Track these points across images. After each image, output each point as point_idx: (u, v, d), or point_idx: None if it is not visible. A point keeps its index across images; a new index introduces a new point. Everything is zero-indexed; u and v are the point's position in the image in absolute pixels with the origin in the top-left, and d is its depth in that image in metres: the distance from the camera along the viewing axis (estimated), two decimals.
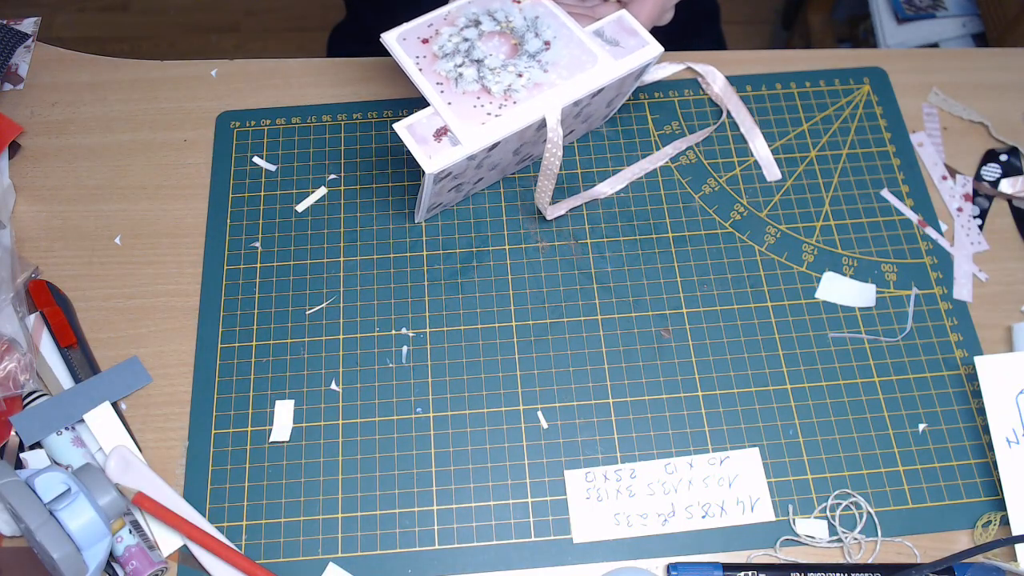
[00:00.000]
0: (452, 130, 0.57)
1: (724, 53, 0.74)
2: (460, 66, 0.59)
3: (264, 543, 0.57)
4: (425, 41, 0.60)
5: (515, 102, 0.57)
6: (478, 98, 0.57)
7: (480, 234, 0.66)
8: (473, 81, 0.58)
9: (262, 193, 0.68)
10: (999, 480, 0.56)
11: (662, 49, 0.60)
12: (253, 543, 0.57)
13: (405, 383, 0.61)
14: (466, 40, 0.60)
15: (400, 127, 0.57)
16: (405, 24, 0.61)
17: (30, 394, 0.60)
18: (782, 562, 0.55)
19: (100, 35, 1.80)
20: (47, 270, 0.66)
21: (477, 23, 0.60)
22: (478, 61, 0.59)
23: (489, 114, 0.57)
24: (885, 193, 0.68)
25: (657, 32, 0.78)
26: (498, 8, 0.61)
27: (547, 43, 0.59)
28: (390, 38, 0.60)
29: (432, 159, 0.56)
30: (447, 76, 0.58)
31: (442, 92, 0.58)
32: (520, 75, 0.58)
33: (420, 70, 0.59)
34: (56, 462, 0.58)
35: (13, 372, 0.59)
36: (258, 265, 0.65)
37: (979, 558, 0.55)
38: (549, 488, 0.58)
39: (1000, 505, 0.56)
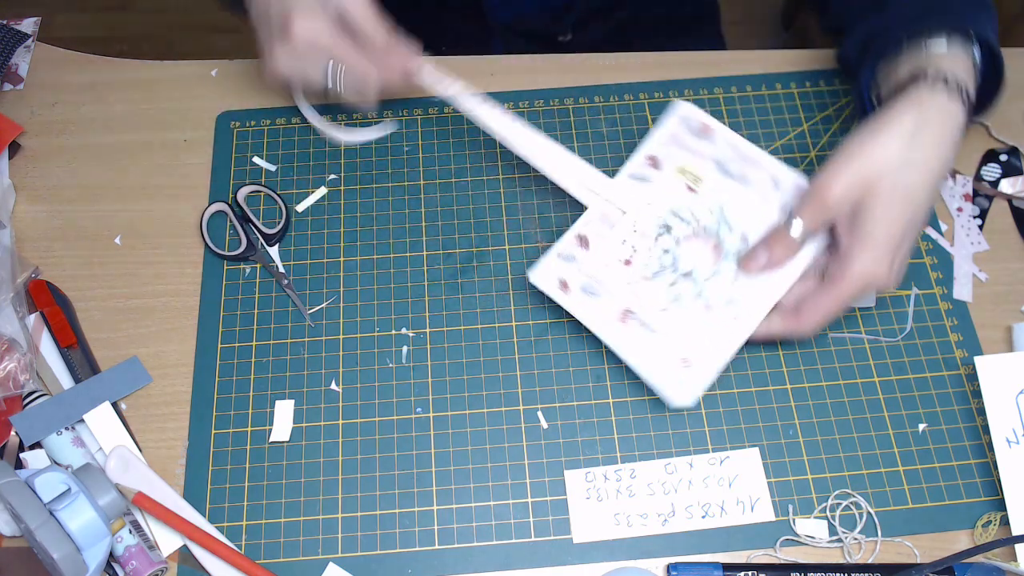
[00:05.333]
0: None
1: (724, 53, 0.74)
2: (673, 284, 0.59)
3: (264, 543, 0.57)
4: (628, 263, 0.60)
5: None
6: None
7: (480, 234, 0.66)
8: (689, 295, 0.58)
9: (262, 193, 0.68)
10: (999, 480, 0.56)
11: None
12: (253, 543, 0.57)
13: (405, 383, 0.61)
14: (665, 252, 0.59)
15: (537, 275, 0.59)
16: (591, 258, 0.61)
17: (30, 394, 0.60)
18: (782, 562, 0.55)
19: (100, 35, 1.80)
20: (47, 270, 0.66)
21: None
22: (687, 275, 0.59)
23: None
24: None
25: (658, 30, 0.78)
26: (677, 202, 0.61)
27: (744, 237, 0.60)
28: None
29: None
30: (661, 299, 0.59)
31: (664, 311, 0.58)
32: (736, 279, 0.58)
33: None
34: (56, 462, 0.58)
35: (13, 372, 0.59)
36: (258, 265, 0.65)
37: (979, 558, 0.55)
38: (549, 488, 0.58)
39: (1000, 505, 0.56)
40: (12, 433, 0.58)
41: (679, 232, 0.60)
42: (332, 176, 0.69)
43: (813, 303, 0.56)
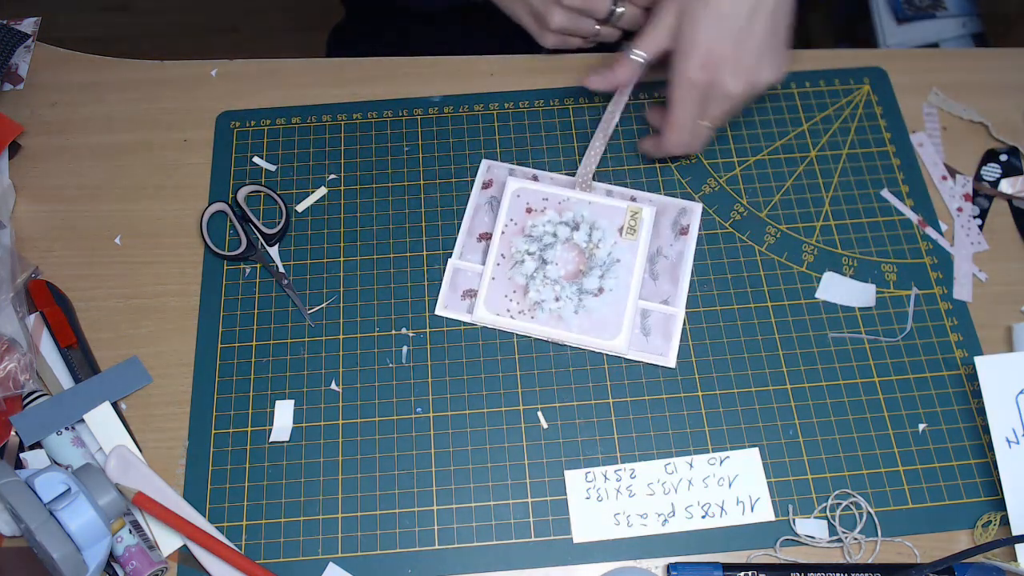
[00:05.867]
0: (476, 303, 0.62)
1: None
2: (531, 254, 0.63)
3: (264, 543, 0.57)
4: (529, 211, 0.65)
5: (532, 318, 0.61)
6: (514, 292, 0.62)
7: None
8: (523, 276, 0.62)
9: (262, 193, 0.68)
10: (999, 480, 0.56)
11: (673, 365, 0.61)
12: (253, 543, 0.57)
13: (405, 383, 0.61)
14: (554, 236, 0.63)
15: (452, 263, 0.64)
16: (529, 182, 0.66)
17: (30, 394, 0.60)
18: (782, 562, 0.55)
19: (100, 35, 1.80)
20: (47, 270, 0.66)
21: (576, 227, 0.63)
22: (545, 262, 0.62)
23: (508, 311, 0.62)
24: (885, 193, 0.68)
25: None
26: (604, 227, 0.64)
27: (600, 290, 0.62)
28: (515, 185, 0.66)
29: (447, 308, 0.63)
30: (514, 255, 0.63)
31: (498, 265, 0.63)
32: (557, 299, 0.61)
33: (503, 233, 0.64)
34: (56, 462, 0.58)
35: (13, 372, 0.59)
36: (258, 265, 0.65)
37: (979, 558, 0.55)
38: (549, 488, 0.58)
39: (1000, 505, 0.56)
40: (12, 433, 0.58)
41: (577, 239, 0.63)
42: (332, 176, 0.69)
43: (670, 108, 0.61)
